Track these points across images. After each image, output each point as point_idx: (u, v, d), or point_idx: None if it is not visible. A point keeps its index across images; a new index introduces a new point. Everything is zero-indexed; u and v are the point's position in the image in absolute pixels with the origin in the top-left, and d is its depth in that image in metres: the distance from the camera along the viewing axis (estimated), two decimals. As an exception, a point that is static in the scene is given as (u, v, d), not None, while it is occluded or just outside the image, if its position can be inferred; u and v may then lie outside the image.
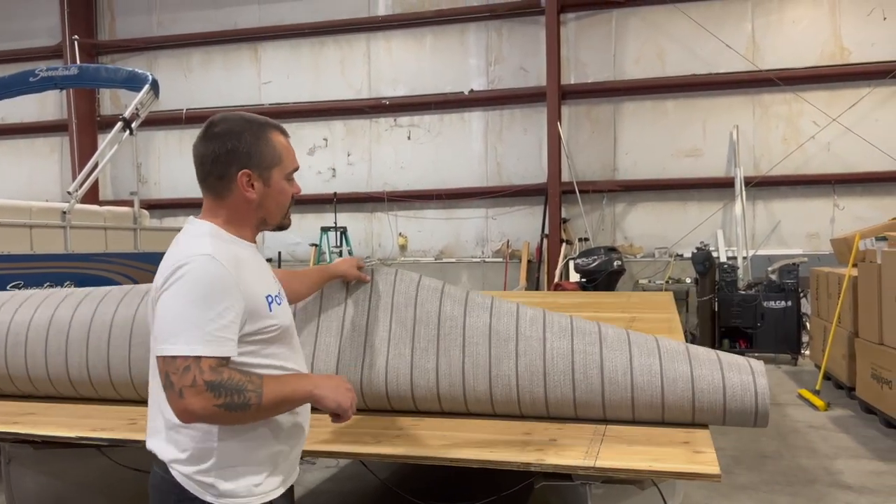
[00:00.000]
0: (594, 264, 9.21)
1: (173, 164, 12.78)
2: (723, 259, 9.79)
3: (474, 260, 11.59)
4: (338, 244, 10.99)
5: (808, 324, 8.72)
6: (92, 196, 11.28)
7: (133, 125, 8.11)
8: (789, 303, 8.50)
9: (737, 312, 8.67)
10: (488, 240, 11.58)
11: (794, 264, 8.66)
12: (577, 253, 10.15)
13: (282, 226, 1.94)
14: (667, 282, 10.09)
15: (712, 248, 9.80)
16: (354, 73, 11.97)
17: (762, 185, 10.23)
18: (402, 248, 11.89)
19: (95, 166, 8.05)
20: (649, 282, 10.33)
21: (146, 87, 8.19)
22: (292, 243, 12.01)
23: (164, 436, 1.77)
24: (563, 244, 10.67)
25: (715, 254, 9.70)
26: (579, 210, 10.84)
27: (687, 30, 10.44)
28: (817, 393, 6.56)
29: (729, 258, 9.91)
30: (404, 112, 11.77)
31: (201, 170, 1.81)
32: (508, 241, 11.42)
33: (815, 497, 4.20)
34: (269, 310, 1.78)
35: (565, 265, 10.38)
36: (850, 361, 6.47)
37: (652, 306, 5.27)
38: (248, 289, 1.72)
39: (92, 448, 2.89)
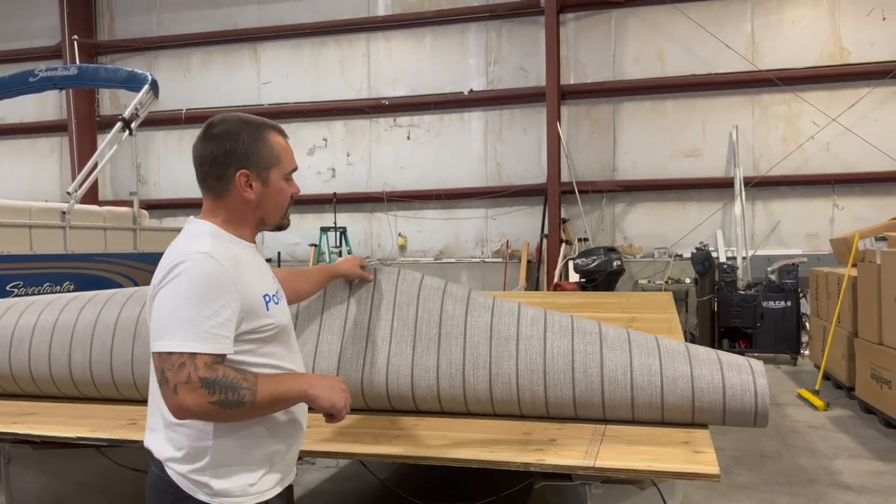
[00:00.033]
0: (594, 264, 9.22)
1: (173, 165, 12.78)
2: (722, 259, 9.79)
3: (474, 260, 11.59)
4: (337, 244, 10.99)
5: (807, 324, 8.72)
6: (91, 196, 11.28)
7: (132, 125, 8.12)
8: (789, 303, 8.51)
9: (736, 312, 8.67)
10: (488, 240, 11.58)
11: (793, 264, 8.67)
12: (577, 253, 10.15)
13: (280, 226, 1.95)
14: (666, 282, 10.10)
15: (712, 249, 9.80)
16: (354, 74, 11.97)
17: (762, 186, 10.24)
18: (402, 248, 11.89)
19: (95, 166, 8.05)
20: (649, 282, 10.33)
21: (146, 87, 8.19)
22: (292, 243, 12.02)
23: (161, 434, 1.78)
24: (563, 244, 10.68)
25: (714, 254, 9.71)
26: (579, 210, 10.84)
27: (686, 30, 10.44)
28: (817, 393, 6.56)
29: (728, 258, 9.92)
30: (404, 112, 11.78)
31: (200, 170, 1.83)
32: (508, 242, 11.42)
33: (815, 497, 4.20)
34: (267, 309, 1.79)
35: (565, 265, 10.38)
36: (849, 361, 6.47)
37: (651, 306, 5.28)
38: (245, 287, 1.73)
39: (91, 448, 2.90)
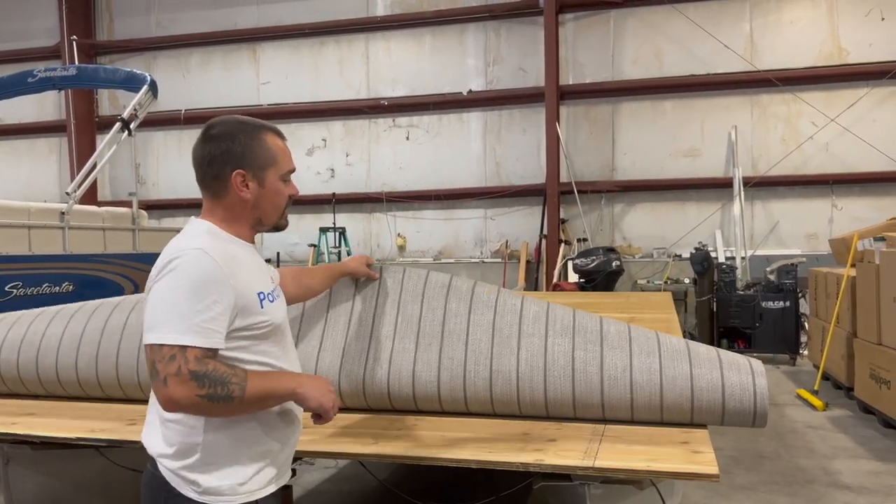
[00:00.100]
0: (593, 265, 9.22)
1: (172, 165, 12.78)
2: (721, 259, 9.80)
3: (473, 260, 11.59)
4: (336, 245, 10.99)
5: (806, 324, 8.72)
6: (90, 197, 11.28)
7: (131, 126, 8.11)
8: (788, 303, 8.51)
9: (735, 313, 8.67)
10: (487, 240, 11.58)
11: (792, 264, 8.67)
12: (576, 253, 10.16)
13: (278, 226, 1.97)
14: (665, 282, 10.10)
15: (711, 249, 9.80)
16: (353, 74, 11.97)
17: (760, 186, 10.24)
18: (401, 248, 11.89)
19: (94, 167, 8.05)
20: (648, 282, 10.34)
21: (144, 87, 8.19)
22: (291, 244, 12.01)
23: (156, 430, 1.80)
24: (562, 244, 10.68)
25: (713, 254, 9.71)
26: (578, 210, 10.84)
27: (685, 30, 10.45)
28: (816, 393, 6.56)
29: (727, 258, 9.92)
30: (403, 112, 11.77)
31: (199, 171, 1.86)
32: (507, 242, 11.42)
33: (814, 497, 4.20)
34: (261, 306, 1.80)
35: (564, 265, 10.38)
36: (848, 361, 6.47)
37: (650, 306, 5.28)
38: (239, 284, 1.74)
39: (90, 448, 2.90)
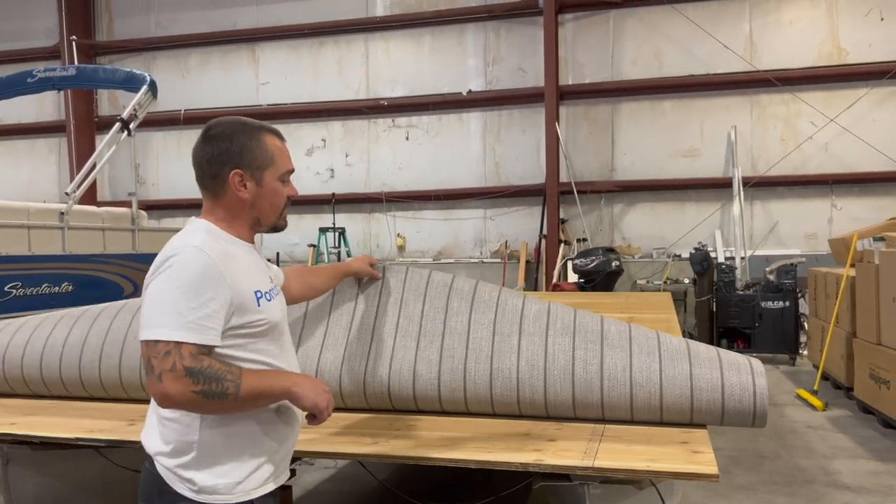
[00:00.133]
0: (592, 265, 9.22)
1: (171, 165, 12.77)
2: (721, 259, 9.80)
3: (472, 260, 11.59)
4: (336, 245, 10.99)
5: (805, 324, 8.72)
6: (90, 197, 11.28)
7: (131, 126, 8.12)
8: (787, 303, 8.51)
9: (735, 313, 8.67)
10: (486, 240, 11.58)
11: (791, 264, 8.67)
12: (576, 253, 10.16)
13: (277, 227, 1.97)
14: (665, 282, 10.10)
15: (710, 249, 9.81)
16: (353, 74, 11.97)
17: (760, 186, 10.25)
18: (401, 248, 11.89)
19: (93, 167, 8.05)
20: (647, 282, 10.34)
21: (144, 87, 8.19)
22: (290, 244, 12.01)
23: (154, 428, 1.81)
24: (562, 245, 10.68)
25: (713, 254, 9.71)
26: (577, 210, 10.84)
27: (684, 30, 10.45)
28: (815, 393, 6.56)
29: (727, 258, 9.92)
30: (402, 113, 11.77)
31: (198, 171, 1.87)
32: (507, 242, 11.42)
33: (813, 497, 4.20)
34: (258, 305, 1.80)
35: (563, 266, 10.38)
36: (847, 361, 6.47)
37: (650, 306, 5.29)
38: (235, 282, 1.75)
39: (90, 449, 2.90)
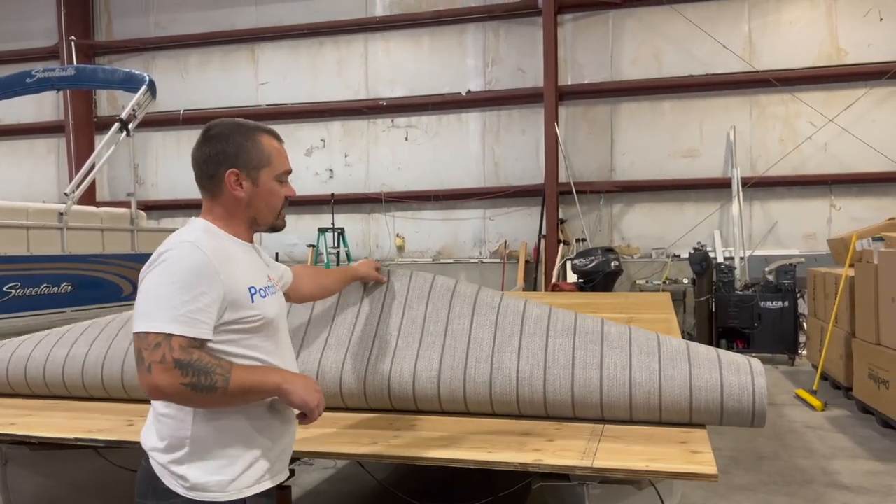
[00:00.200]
0: (591, 265, 9.22)
1: (170, 166, 12.77)
2: (720, 259, 9.80)
3: (472, 261, 11.59)
4: (335, 245, 10.98)
5: (805, 324, 8.72)
6: (89, 197, 11.27)
7: (130, 126, 8.12)
8: (786, 303, 8.51)
9: (734, 313, 8.67)
10: (486, 240, 11.58)
11: (791, 265, 8.67)
12: (575, 254, 10.15)
13: (275, 227, 1.98)
14: (664, 282, 10.10)
15: (709, 249, 9.81)
16: (352, 74, 11.97)
17: (759, 186, 10.25)
18: (400, 248, 11.89)
19: (92, 167, 8.05)
20: (647, 282, 10.33)
21: (143, 88, 8.19)
22: (289, 244, 12.01)
23: (151, 425, 1.82)
24: (561, 245, 10.68)
25: (712, 254, 9.71)
26: (577, 211, 10.84)
27: (684, 31, 10.45)
28: (814, 393, 6.56)
29: (726, 259, 9.92)
30: (402, 113, 11.77)
31: (197, 171, 1.90)
32: (506, 242, 11.42)
33: (813, 497, 4.21)
34: (251, 301, 1.81)
35: (563, 266, 10.38)
36: (847, 361, 6.47)
37: (649, 307, 5.28)
38: (229, 278, 1.76)
39: (88, 449, 2.90)
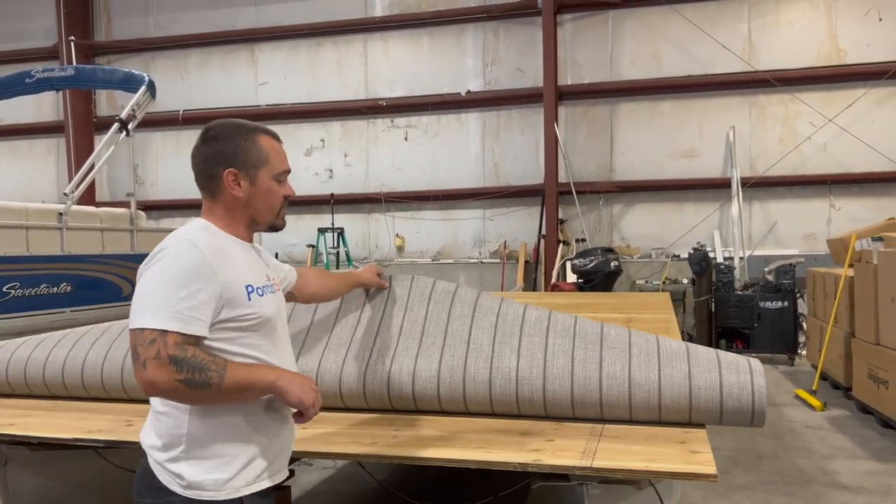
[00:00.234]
0: (591, 265, 9.22)
1: (170, 166, 12.77)
2: (719, 259, 9.80)
3: (471, 261, 11.59)
4: (335, 245, 10.98)
5: (804, 324, 8.72)
6: (88, 197, 11.27)
7: (129, 126, 8.12)
8: (786, 303, 8.51)
9: (733, 313, 8.67)
10: (485, 241, 11.58)
11: (790, 265, 8.68)
12: (574, 254, 10.16)
13: (275, 226, 1.99)
14: (664, 282, 10.11)
15: (709, 249, 9.81)
16: (351, 74, 11.97)
17: (758, 186, 10.25)
18: (400, 249, 11.89)
19: (92, 167, 8.05)
20: (646, 282, 10.34)
21: (143, 88, 8.19)
22: (289, 244, 12.00)
23: (149, 423, 1.83)
24: (560, 245, 10.68)
25: (712, 254, 9.71)
26: (576, 211, 10.84)
27: (683, 31, 10.46)
28: (814, 393, 6.57)
29: (726, 259, 9.93)
30: (401, 113, 11.77)
31: (196, 171, 1.91)
32: (506, 242, 11.42)
33: (812, 497, 4.21)
34: (248, 299, 1.81)
35: (562, 266, 10.38)
36: (846, 362, 6.48)
37: (649, 307, 5.29)
38: (226, 276, 1.76)
39: (88, 449, 2.90)
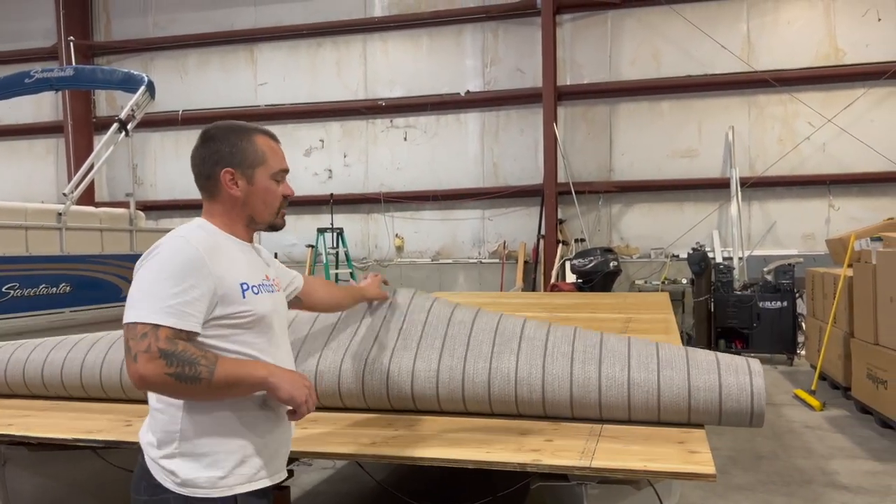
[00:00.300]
0: (590, 265, 9.23)
1: (169, 166, 12.76)
2: (719, 260, 9.81)
3: (471, 261, 11.59)
4: (334, 245, 10.98)
5: (803, 324, 8.73)
6: (88, 198, 11.27)
7: (129, 127, 8.11)
8: (785, 303, 8.52)
9: (733, 313, 8.67)
10: (485, 241, 11.58)
11: (789, 265, 8.68)
12: (574, 254, 10.17)
13: (274, 226, 2.00)
14: (663, 282, 10.11)
15: (708, 249, 9.81)
16: (351, 75, 11.97)
17: (758, 186, 10.26)
18: (399, 249, 11.89)
19: (91, 168, 8.04)
20: (645, 282, 10.34)
21: (142, 88, 8.18)
22: (288, 244, 12.00)
23: (146, 421, 1.84)
24: (560, 245, 10.68)
25: (711, 254, 9.72)
26: (575, 211, 10.85)
27: (682, 31, 10.46)
28: (813, 393, 6.57)
29: (725, 259, 9.93)
30: (401, 113, 11.78)
31: (195, 172, 1.93)
32: (505, 242, 11.42)
33: (812, 497, 4.21)
34: (243, 297, 1.82)
35: (562, 266, 10.39)
36: (845, 361, 6.48)
37: (648, 307, 5.29)
38: (220, 274, 1.77)
39: (87, 450, 2.90)
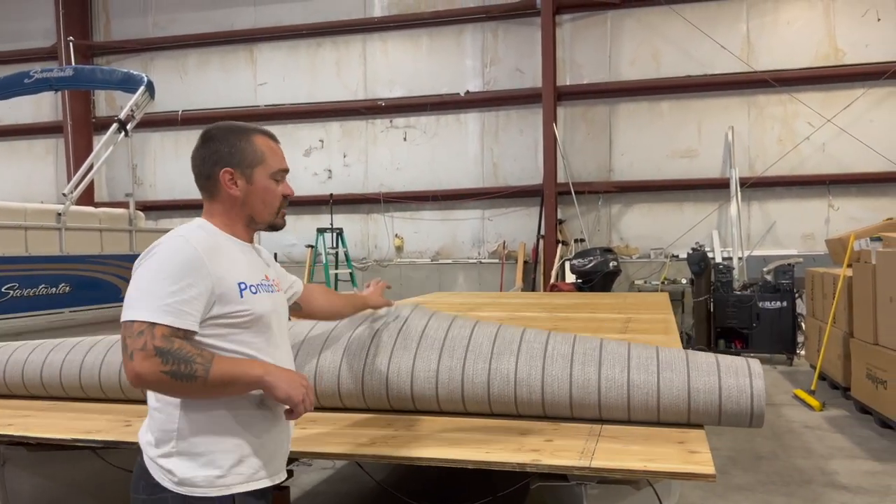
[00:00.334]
0: (590, 265, 9.23)
1: (169, 166, 12.76)
2: (718, 260, 9.81)
3: (470, 261, 11.59)
4: (334, 245, 10.99)
5: (803, 324, 8.73)
6: (87, 198, 11.27)
7: (128, 127, 8.11)
8: (784, 303, 8.52)
9: (732, 313, 8.68)
10: (484, 241, 11.59)
11: (789, 265, 8.68)
12: (573, 254, 10.17)
13: (275, 225, 2.00)
14: (662, 282, 10.11)
15: (708, 249, 9.82)
16: (350, 75, 11.97)
17: (757, 186, 10.26)
18: (399, 249, 11.89)
19: (91, 168, 8.04)
20: (645, 282, 10.34)
21: (141, 88, 8.18)
22: (288, 245, 12.01)
23: (146, 421, 1.84)
24: (559, 245, 10.68)
25: (710, 254, 9.72)
26: (575, 211, 10.85)
27: (682, 31, 10.46)
28: (812, 393, 6.57)
29: (724, 259, 9.93)
30: (400, 113, 11.78)
31: (195, 173, 1.93)
32: (505, 242, 11.42)
33: (811, 497, 4.21)
34: (240, 296, 1.82)
35: (561, 266, 10.39)
36: (845, 362, 6.48)
37: (648, 307, 5.30)
38: (218, 272, 1.77)
39: (86, 450, 2.90)
